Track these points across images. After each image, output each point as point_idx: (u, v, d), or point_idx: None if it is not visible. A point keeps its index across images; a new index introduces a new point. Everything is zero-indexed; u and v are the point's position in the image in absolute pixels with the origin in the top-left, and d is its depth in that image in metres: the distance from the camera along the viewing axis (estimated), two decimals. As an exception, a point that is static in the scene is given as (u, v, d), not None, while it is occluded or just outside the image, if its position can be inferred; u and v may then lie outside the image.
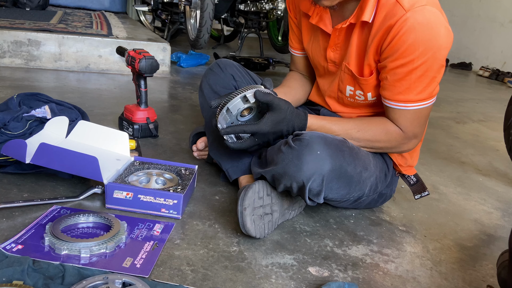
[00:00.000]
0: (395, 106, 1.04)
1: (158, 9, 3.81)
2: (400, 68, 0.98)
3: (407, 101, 1.02)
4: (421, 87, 0.99)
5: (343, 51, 1.10)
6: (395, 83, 1.00)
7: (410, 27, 0.93)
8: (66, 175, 1.15)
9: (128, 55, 1.50)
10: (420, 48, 0.94)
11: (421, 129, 1.08)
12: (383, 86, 1.04)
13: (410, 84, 0.99)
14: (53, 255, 0.83)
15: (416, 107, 1.02)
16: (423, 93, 1.01)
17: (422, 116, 1.05)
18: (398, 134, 1.07)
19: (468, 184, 1.57)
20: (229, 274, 0.87)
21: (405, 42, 0.94)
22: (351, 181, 1.02)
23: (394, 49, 0.96)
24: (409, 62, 0.96)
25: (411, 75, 0.98)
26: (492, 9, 5.19)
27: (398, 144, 1.09)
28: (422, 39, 0.94)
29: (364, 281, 0.91)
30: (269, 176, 1.02)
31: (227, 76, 1.27)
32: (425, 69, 0.97)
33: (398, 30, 0.94)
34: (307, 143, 0.96)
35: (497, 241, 1.18)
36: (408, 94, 1.01)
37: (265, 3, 3.38)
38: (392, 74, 1.00)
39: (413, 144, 1.10)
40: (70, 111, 1.32)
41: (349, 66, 1.08)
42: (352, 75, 1.09)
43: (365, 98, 1.11)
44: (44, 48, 2.45)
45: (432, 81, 1.00)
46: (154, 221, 1.01)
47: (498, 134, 2.22)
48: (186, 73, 2.88)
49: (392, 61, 0.98)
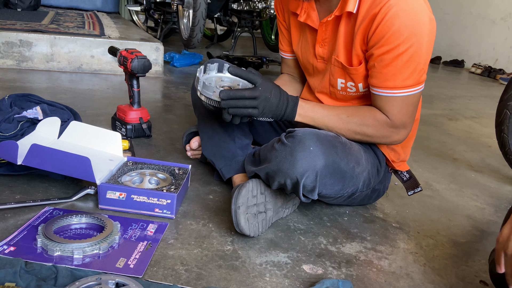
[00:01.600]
0: (382, 93, 1.04)
1: (151, 9, 3.79)
2: (386, 54, 0.99)
3: (394, 87, 1.03)
4: (407, 72, 1.01)
5: (331, 46, 1.11)
6: (382, 69, 1.02)
7: (394, 13, 0.95)
8: (58, 176, 1.14)
9: (120, 55, 1.50)
10: (405, 34, 0.96)
11: (409, 119, 1.08)
12: (371, 74, 1.05)
13: (396, 70, 1.00)
14: (46, 256, 0.82)
15: (403, 93, 1.03)
16: (410, 79, 1.02)
17: (410, 104, 1.06)
18: (386, 121, 1.07)
19: (461, 181, 1.58)
20: (223, 273, 0.87)
21: (390, 28, 0.96)
22: (345, 176, 1.03)
23: (379, 36, 0.98)
24: (395, 48, 0.98)
25: (397, 61, 0.99)
26: (484, 7, 5.22)
27: (387, 133, 1.08)
28: (407, 25, 0.96)
29: (357, 278, 0.91)
30: (263, 173, 1.02)
31: None
32: (411, 54, 0.98)
33: (382, 17, 0.96)
34: (300, 139, 0.96)
35: (490, 237, 1.19)
36: (395, 80, 1.02)
37: (258, 2, 3.38)
38: (379, 61, 1.01)
39: (402, 135, 1.10)
40: (62, 112, 1.31)
41: (338, 59, 1.09)
42: (342, 67, 1.10)
43: (357, 90, 1.12)
44: (36, 49, 2.43)
45: (418, 67, 1.01)
46: (147, 221, 1.00)
47: (490, 131, 2.23)
48: (179, 73, 2.88)
49: (378, 48, 1.00)
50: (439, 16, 5.71)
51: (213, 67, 1.12)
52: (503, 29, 4.99)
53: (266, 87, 1.01)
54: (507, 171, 1.70)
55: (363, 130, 1.08)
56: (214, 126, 1.22)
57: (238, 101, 0.99)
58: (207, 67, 1.11)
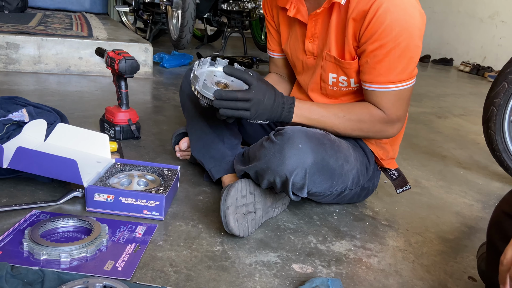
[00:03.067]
0: (377, 89, 1.05)
1: (140, 10, 3.77)
2: (379, 49, 1.00)
3: (388, 82, 1.04)
4: (400, 67, 1.02)
5: (322, 41, 1.11)
6: (375, 65, 1.02)
7: (385, 9, 0.96)
8: (45, 179, 1.13)
9: (107, 56, 1.49)
10: (397, 29, 0.97)
11: (403, 112, 1.09)
12: (364, 71, 1.05)
13: (390, 65, 1.01)
14: (32, 260, 0.81)
15: (397, 88, 1.04)
16: (403, 74, 1.03)
17: (403, 97, 1.07)
18: (382, 116, 1.08)
19: (450, 178, 1.59)
20: (213, 274, 0.86)
21: (382, 23, 0.97)
22: (334, 173, 1.03)
23: (371, 32, 0.99)
24: (387, 43, 0.99)
25: (389, 56, 1.00)
26: (472, 5, 5.28)
27: (382, 127, 1.10)
28: (398, 20, 0.97)
29: (347, 276, 0.91)
30: (253, 172, 1.02)
31: None
32: (403, 49, 1.00)
33: (373, 14, 0.97)
34: (289, 137, 0.96)
35: (478, 233, 1.20)
36: (389, 75, 1.03)
37: (247, 2, 3.38)
38: (372, 56, 1.02)
39: (397, 128, 1.11)
40: (49, 114, 1.30)
41: (330, 53, 1.10)
42: (335, 61, 1.10)
43: (348, 84, 1.12)
44: (23, 51, 2.40)
45: (410, 61, 1.02)
46: (136, 223, 1.00)
47: (478, 128, 2.25)
48: (169, 74, 2.87)
49: (370, 44, 1.01)
50: (428, 15, 5.73)
51: (205, 61, 1.10)
52: (490, 27, 5.04)
53: (260, 90, 1.01)
54: (495, 168, 1.72)
55: (359, 126, 1.09)
56: (203, 127, 1.22)
57: (231, 102, 0.99)
58: (201, 61, 1.10)
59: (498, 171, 1.69)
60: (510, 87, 1.46)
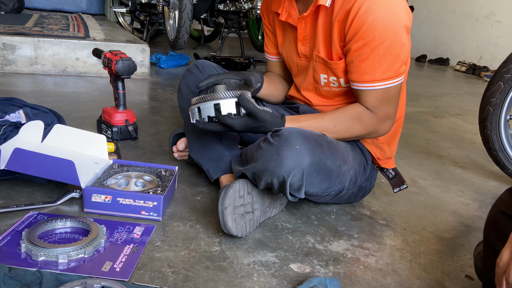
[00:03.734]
0: (363, 87, 1.06)
1: (136, 10, 3.77)
2: (363, 48, 1.01)
3: (374, 81, 1.04)
4: (385, 65, 1.02)
5: (312, 43, 1.13)
6: (360, 64, 1.03)
7: (367, 7, 0.97)
8: (42, 180, 1.13)
9: (104, 57, 1.48)
10: (379, 27, 0.98)
11: (392, 110, 1.10)
12: (350, 70, 1.06)
13: (374, 64, 1.02)
14: (30, 261, 0.81)
15: (383, 86, 1.05)
16: (389, 72, 1.03)
17: (391, 95, 1.07)
18: (371, 117, 1.09)
19: (446, 177, 1.60)
20: (211, 274, 0.86)
21: (364, 22, 0.98)
22: (331, 174, 1.04)
23: (354, 30, 1.00)
24: (370, 41, 0.99)
25: (373, 54, 1.00)
26: (467, 5, 5.30)
27: (374, 128, 1.11)
28: (380, 18, 0.97)
29: (345, 276, 0.92)
30: (250, 173, 1.02)
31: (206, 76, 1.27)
32: (387, 46, 1.00)
33: (356, 12, 0.98)
34: (286, 138, 0.96)
35: (475, 232, 1.20)
36: (374, 73, 1.03)
37: (244, 3, 3.38)
38: (356, 55, 1.02)
39: (388, 126, 1.12)
40: (46, 115, 1.30)
41: (319, 54, 1.11)
42: (323, 62, 1.11)
43: (339, 84, 1.13)
44: (19, 52, 2.40)
45: (395, 59, 1.02)
46: (134, 224, 1.00)
47: (474, 127, 2.26)
48: (166, 74, 2.86)
49: (354, 43, 1.01)
50: (424, 14, 5.78)
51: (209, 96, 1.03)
52: (486, 27, 5.06)
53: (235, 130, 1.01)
54: (491, 167, 1.73)
55: (351, 134, 1.11)
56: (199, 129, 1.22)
57: None
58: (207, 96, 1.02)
59: (494, 170, 1.70)
60: (506, 87, 1.47)
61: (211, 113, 0.99)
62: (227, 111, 0.99)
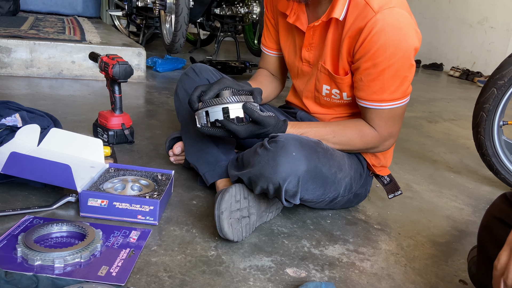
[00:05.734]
0: (370, 106, 1.07)
1: (133, 14, 3.77)
2: (372, 68, 1.01)
3: (381, 101, 1.05)
4: (394, 86, 1.03)
5: (318, 51, 1.12)
6: (369, 83, 1.03)
7: (380, 28, 0.97)
8: (38, 184, 1.12)
9: (101, 61, 1.49)
10: (390, 49, 0.98)
11: (396, 129, 1.11)
12: (358, 87, 1.07)
13: (383, 84, 1.02)
14: (26, 266, 0.81)
15: (390, 106, 1.06)
16: (397, 93, 1.04)
17: (396, 115, 1.08)
18: (373, 136, 1.10)
19: (440, 182, 1.61)
20: (207, 278, 0.87)
21: (376, 43, 0.98)
22: (326, 181, 1.04)
23: (365, 50, 1.00)
24: (380, 62, 1.00)
25: (383, 75, 1.01)
26: (461, 11, 5.35)
27: (374, 145, 1.12)
28: (392, 40, 0.97)
29: (340, 280, 0.92)
30: (246, 178, 1.02)
31: (203, 81, 1.28)
32: (397, 68, 1.00)
33: (368, 32, 0.98)
34: (283, 145, 0.97)
35: (469, 236, 1.22)
36: (382, 94, 1.04)
37: (240, 7, 3.39)
38: (366, 74, 1.03)
39: (389, 144, 1.13)
40: (42, 119, 1.29)
41: (325, 65, 1.11)
42: (328, 74, 1.11)
43: (341, 97, 1.14)
44: (15, 55, 2.39)
45: (404, 80, 1.03)
46: (130, 228, 1.00)
47: (468, 132, 2.29)
48: (162, 78, 2.87)
49: (364, 62, 1.01)
50: (418, 20, 5.79)
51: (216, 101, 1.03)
52: (480, 32, 5.11)
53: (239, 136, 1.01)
54: (485, 172, 1.74)
55: (349, 147, 1.12)
56: (197, 131, 1.23)
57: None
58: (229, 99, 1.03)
59: (487, 175, 1.72)
60: (499, 93, 1.48)
61: (219, 117, 1.00)
62: (235, 114, 1.00)
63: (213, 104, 1.00)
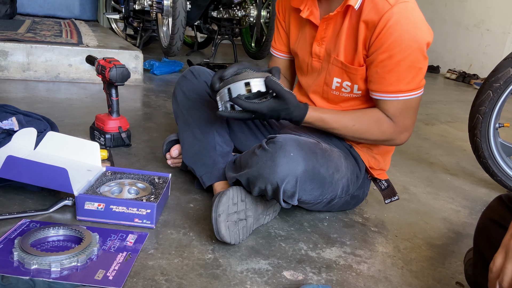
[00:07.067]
0: (386, 98, 1.08)
1: (130, 17, 3.77)
2: (389, 59, 1.04)
3: (398, 91, 1.07)
4: (409, 77, 1.06)
5: (331, 45, 1.14)
6: (385, 75, 1.06)
7: (396, 21, 1.01)
8: (35, 188, 1.12)
9: (98, 64, 1.49)
10: (406, 41, 1.02)
11: (411, 121, 1.12)
12: (374, 80, 1.08)
13: (399, 75, 1.05)
14: (23, 270, 0.81)
15: (406, 97, 1.08)
16: (412, 83, 1.07)
17: (411, 107, 1.10)
18: (390, 126, 1.11)
19: (437, 184, 1.62)
20: (204, 282, 0.87)
21: (392, 34, 1.01)
22: (324, 182, 1.05)
23: (381, 42, 1.03)
24: (397, 53, 1.03)
25: (399, 66, 1.04)
26: (458, 14, 5.38)
27: (391, 136, 1.13)
28: (408, 32, 1.01)
29: (337, 283, 0.92)
30: (244, 179, 1.03)
31: (201, 83, 1.28)
32: (412, 60, 1.04)
33: (384, 24, 1.01)
34: (281, 145, 0.98)
35: (465, 238, 1.22)
36: (399, 85, 1.06)
37: (238, 10, 3.40)
38: (382, 66, 1.05)
39: (405, 137, 1.14)
40: (39, 122, 1.29)
41: (338, 57, 1.12)
42: (341, 66, 1.13)
43: (351, 90, 1.15)
44: (11, 58, 2.38)
45: (419, 72, 1.06)
46: (127, 232, 1.00)
47: (465, 135, 2.29)
48: (159, 81, 2.86)
49: (380, 54, 1.04)
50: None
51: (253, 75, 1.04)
52: (476, 35, 5.14)
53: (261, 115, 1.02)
54: (481, 174, 1.75)
55: (367, 136, 1.13)
56: (195, 134, 1.23)
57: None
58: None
59: (484, 178, 1.72)
60: (495, 96, 1.49)
61: (241, 91, 0.99)
62: (257, 89, 1.00)
63: (235, 81, 1.00)
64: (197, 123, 1.22)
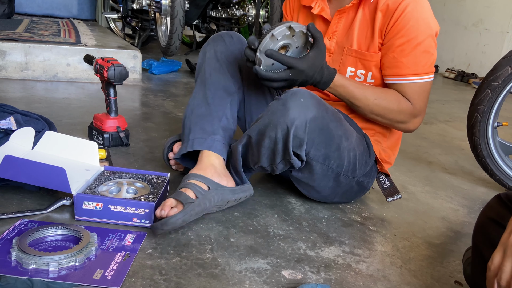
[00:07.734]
0: (404, 81, 1.15)
1: (128, 16, 3.76)
2: (406, 44, 1.12)
3: (415, 74, 1.14)
4: (424, 61, 1.14)
5: (342, 38, 1.19)
6: (402, 59, 1.13)
7: (413, 8, 1.10)
8: (33, 188, 1.12)
9: (96, 63, 1.48)
10: (422, 26, 1.11)
11: (424, 105, 1.19)
12: (391, 65, 1.14)
13: (416, 59, 1.12)
14: (21, 270, 0.81)
15: (422, 79, 1.15)
16: (426, 67, 1.15)
17: (425, 90, 1.17)
18: (408, 105, 1.16)
19: (436, 183, 1.62)
20: (203, 281, 0.86)
21: (409, 21, 1.10)
22: (332, 141, 1.08)
23: (398, 28, 1.11)
24: (413, 38, 1.11)
25: (416, 50, 1.12)
26: (456, 13, 5.38)
27: (406, 118, 1.18)
28: (423, 19, 1.11)
29: (336, 282, 0.92)
30: (255, 133, 1.07)
31: (235, 50, 1.24)
32: (427, 45, 1.12)
33: (402, 11, 1.10)
34: (293, 92, 1.05)
35: (464, 238, 1.22)
36: (416, 68, 1.13)
37: (236, 10, 3.40)
38: (399, 51, 1.13)
39: (418, 122, 1.21)
40: (37, 122, 1.29)
41: (352, 47, 1.18)
42: (356, 55, 1.18)
43: (365, 79, 1.19)
44: (9, 58, 2.38)
45: (431, 57, 1.15)
46: (125, 231, 0.99)
47: (463, 134, 2.30)
48: (158, 80, 2.86)
49: (398, 39, 1.12)
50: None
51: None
52: (475, 34, 5.15)
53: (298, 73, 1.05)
54: (480, 173, 1.75)
55: (385, 113, 1.17)
56: (207, 96, 1.19)
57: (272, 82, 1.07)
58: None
59: (482, 177, 1.72)
60: (493, 95, 1.49)
61: (285, 32, 1.02)
62: (299, 29, 1.03)
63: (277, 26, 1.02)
64: (215, 86, 1.19)
